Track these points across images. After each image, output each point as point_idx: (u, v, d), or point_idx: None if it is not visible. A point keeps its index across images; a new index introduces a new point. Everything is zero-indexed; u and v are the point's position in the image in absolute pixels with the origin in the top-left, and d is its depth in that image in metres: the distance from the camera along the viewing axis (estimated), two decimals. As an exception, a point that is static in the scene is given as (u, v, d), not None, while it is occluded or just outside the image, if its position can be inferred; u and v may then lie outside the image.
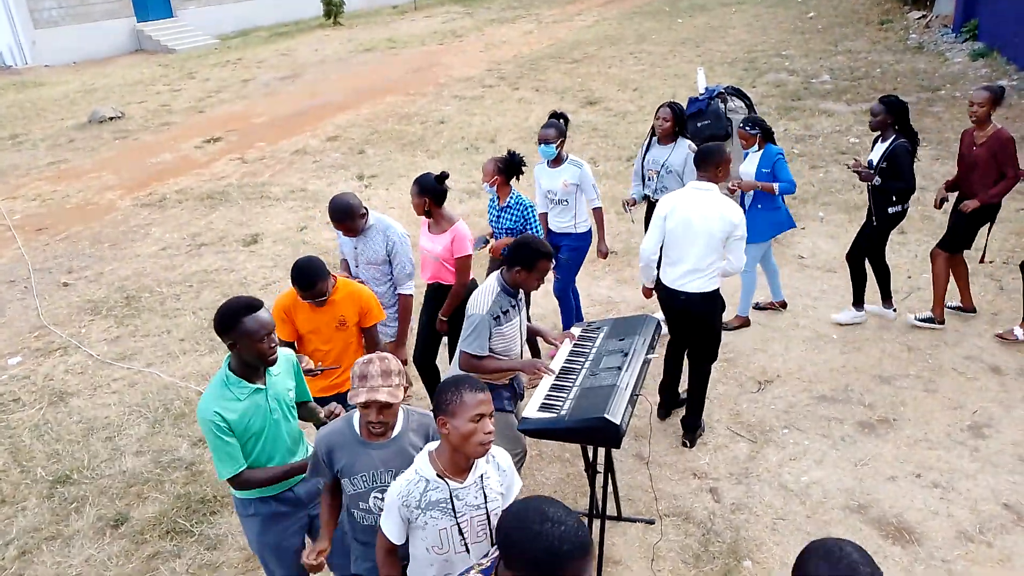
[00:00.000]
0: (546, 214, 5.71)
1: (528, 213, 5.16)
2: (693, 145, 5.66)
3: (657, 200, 5.67)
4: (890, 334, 5.84)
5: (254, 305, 2.99)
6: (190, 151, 12.04)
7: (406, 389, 2.74)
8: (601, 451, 3.91)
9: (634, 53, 16.96)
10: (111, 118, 14.12)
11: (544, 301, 6.62)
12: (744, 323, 6.08)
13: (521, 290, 3.82)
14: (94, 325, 6.89)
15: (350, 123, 12.94)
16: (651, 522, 4.24)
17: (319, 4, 24.93)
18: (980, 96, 5.35)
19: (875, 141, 5.73)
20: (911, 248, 6.98)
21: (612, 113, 12.41)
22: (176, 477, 4.88)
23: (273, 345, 3.03)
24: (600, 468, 3.93)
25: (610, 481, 3.99)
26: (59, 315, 7.09)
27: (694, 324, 4.68)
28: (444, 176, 4.68)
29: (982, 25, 14.21)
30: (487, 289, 3.76)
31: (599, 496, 3.95)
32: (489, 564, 2.07)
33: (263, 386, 3.10)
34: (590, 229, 5.69)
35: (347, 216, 4.37)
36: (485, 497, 2.55)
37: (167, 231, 8.88)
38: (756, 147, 5.82)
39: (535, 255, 3.66)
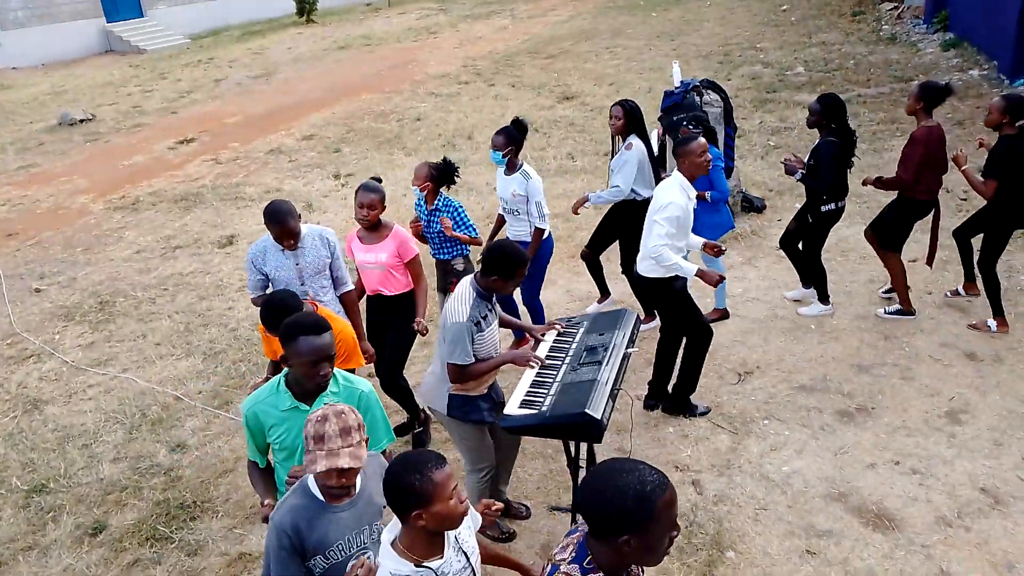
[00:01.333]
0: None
1: (458, 214, 5.05)
2: (631, 143, 5.66)
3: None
4: (867, 323, 5.89)
5: (320, 325, 2.84)
6: (163, 153, 11.90)
7: (367, 441, 2.54)
8: (583, 446, 3.90)
9: (609, 48, 16.97)
10: (81, 120, 13.94)
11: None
12: (723, 315, 6.10)
13: (494, 294, 3.78)
14: (68, 331, 6.79)
15: (325, 122, 12.85)
16: (634, 516, 4.24)
17: (291, 2, 24.73)
18: (910, 90, 5.54)
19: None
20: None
21: (589, 108, 12.41)
22: (155, 483, 4.82)
23: (323, 373, 2.85)
24: (583, 463, 3.92)
25: (593, 476, 3.98)
26: (32, 322, 6.98)
27: (644, 298, 5.00)
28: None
29: (952, 16, 14.36)
30: (462, 297, 3.68)
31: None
32: (573, 554, 2.00)
33: (306, 407, 2.94)
34: (550, 235, 5.55)
35: (291, 216, 4.08)
36: (466, 556, 2.41)
37: (141, 234, 8.77)
38: None
39: (513, 264, 3.59)
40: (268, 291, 4.29)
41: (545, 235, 5.47)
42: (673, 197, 4.50)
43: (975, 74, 11.81)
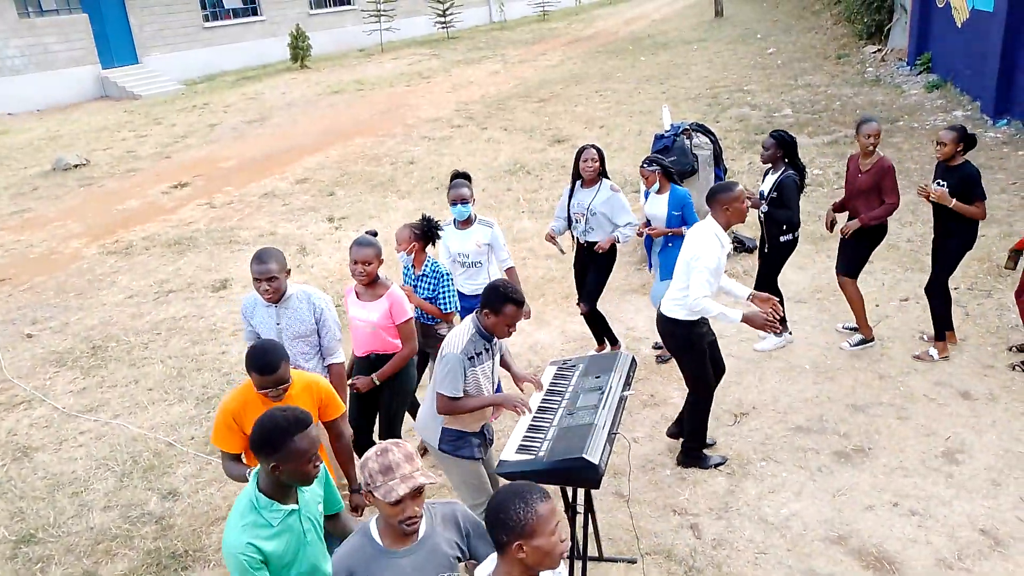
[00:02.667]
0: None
1: (444, 282, 4.84)
2: (615, 185, 5.75)
3: (588, 243, 5.85)
4: (861, 363, 5.90)
5: (304, 420, 2.63)
6: (157, 197, 11.94)
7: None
8: (581, 491, 3.87)
9: (599, 91, 17.23)
10: (76, 165, 13.98)
11: (520, 339, 6.60)
12: None
13: (496, 336, 3.78)
14: (59, 377, 6.73)
15: (319, 165, 12.95)
16: (633, 561, 4.19)
17: (285, 48, 25.07)
18: (872, 128, 5.64)
19: (765, 173, 6.03)
20: (878, 277, 7.08)
21: (580, 150, 12.53)
22: (146, 532, 4.75)
23: (317, 466, 2.67)
24: (580, 508, 3.89)
25: (590, 521, 3.95)
26: (23, 367, 6.93)
27: (665, 343, 4.87)
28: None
29: (935, 58, 14.67)
30: (462, 329, 3.74)
31: (580, 537, 3.90)
32: None
33: (296, 506, 2.74)
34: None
35: (274, 259, 3.95)
36: None
37: (134, 279, 8.75)
38: (657, 186, 5.86)
39: (503, 299, 3.60)
40: None
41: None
42: (710, 246, 4.42)
43: (959, 114, 12.02)
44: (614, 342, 6.23)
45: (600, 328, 6.19)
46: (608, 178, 5.83)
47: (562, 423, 3.72)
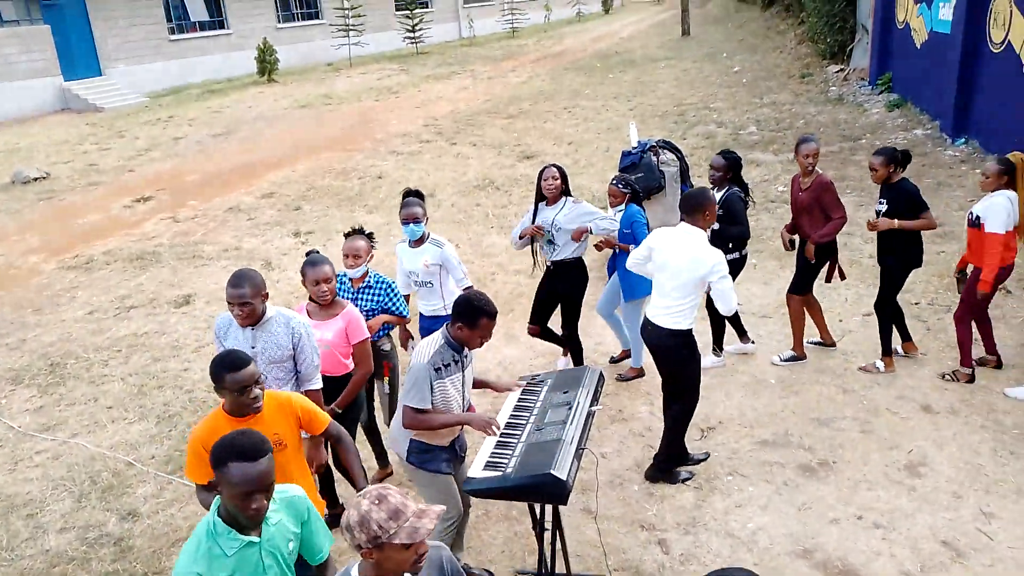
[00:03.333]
0: (408, 296, 5.45)
1: (390, 290, 4.83)
2: (576, 198, 5.78)
3: (555, 263, 5.81)
4: (825, 377, 5.96)
5: (250, 450, 2.47)
6: (119, 211, 11.75)
7: None
8: (549, 507, 3.85)
9: (568, 108, 17.35)
10: (36, 178, 13.72)
11: (489, 355, 6.58)
12: (639, 374, 6.17)
13: (466, 348, 3.77)
14: (15, 395, 6.56)
15: (286, 180, 12.84)
16: (601, 578, 4.18)
17: (252, 61, 24.91)
18: (810, 148, 5.80)
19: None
20: (841, 292, 7.18)
21: (548, 166, 12.58)
22: (104, 554, 4.62)
23: (256, 507, 2.50)
24: (548, 525, 3.87)
25: (558, 538, 3.93)
26: (-23, 385, 6.74)
27: (657, 358, 4.82)
28: None
29: (895, 78, 15.00)
30: (431, 340, 3.72)
31: (548, 554, 3.88)
32: None
33: (257, 538, 2.61)
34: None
35: (249, 282, 3.75)
36: None
37: (94, 294, 8.59)
38: (622, 206, 5.90)
39: (477, 312, 3.61)
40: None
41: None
42: (715, 251, 4.51)
43: (919, 133, 12.29)
44: (566, 347, 6.27)
45: (553, 338, 6.24)
46: (571, 195, 5.83)
47: (530, 439, 3.70)
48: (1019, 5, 9.92)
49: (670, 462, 4.91)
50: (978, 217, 5.36)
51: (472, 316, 3.61)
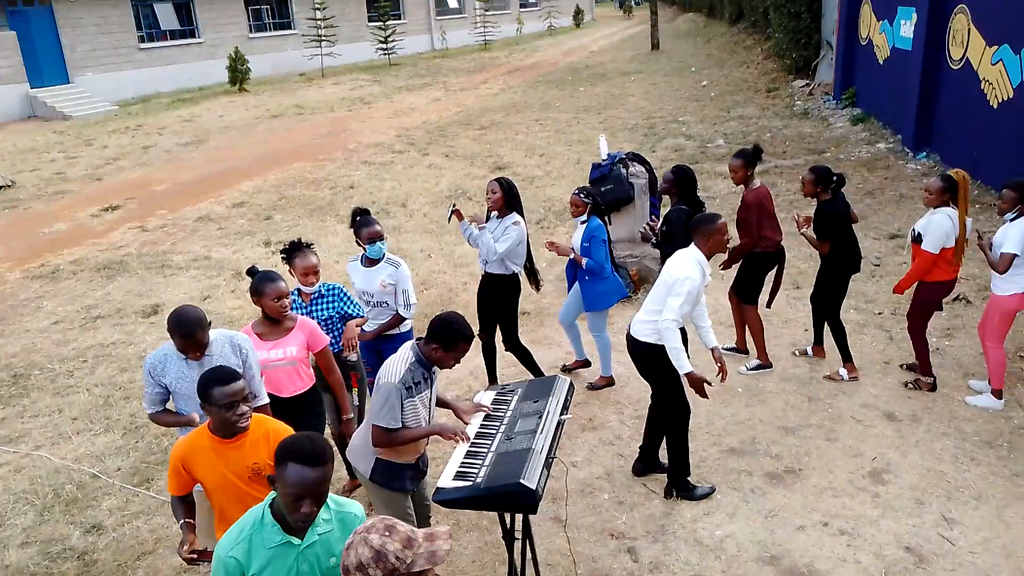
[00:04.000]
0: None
1: (343, 294, 4.71)
2: (518, 220, 5.61)
3: (487, 275, 5.74)
4: (792, 385, 6.06)
5: (313, 454, 2.43)
6: (86, 220, 11.60)
7: None
8: (519, 516, 3.87)
9: (539, 120, 17.46)
10: (1, 187, 13.49)
11: (460, 364, 6.57)
12: (608, 383, 6.22)
13: (435, 365, 3.75)
14: (-23, 407, 6.44)
15: (257, 189, 12.77)
16: (571, 586, 4.19)
17: (224, 71, 24.75)
18: (734, 162, 6.01)
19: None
20: (807, 303, 7.28)
21: (520, 178, 12.65)
22: (67, 569, 4.55)
23: (306, 512, 2.45)
24: (518, 535, 3.88)
25: (528, 547, 3.94)
26: (-63, 397, 6.61)
27: (636, 366, 4.85)
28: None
29: (859, 93, 15.31)
30: (400, 357, 3.65)
31: (518, 563, 3.89)
32: None
33: (298, 541, 2.55)
34: (409, 330, 5.24)
35: (200, 327, 3.61)
36: None
37: (60, 304, 8.46)
38: (584, 217, 5.89)
39: (456, 336, 3.56)
40: (168, 405, 3.87)
41: (407, 327, 5.19)
42: (690, 271, 4.45)
43: (882, 147, 12.55)
44: (493, 380, 6.20)
45: (492, 362, 6.15)
46: (519, 212, 5.71)
47: (500, 448, 3.71)
48: (976, 24, 10.20)
49: (682, 478, 4.86)
50: (920, 233, 5.53)
51: (450, 339, 3.57)
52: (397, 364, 3.62)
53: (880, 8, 13.95)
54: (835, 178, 5.76)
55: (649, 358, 4.70)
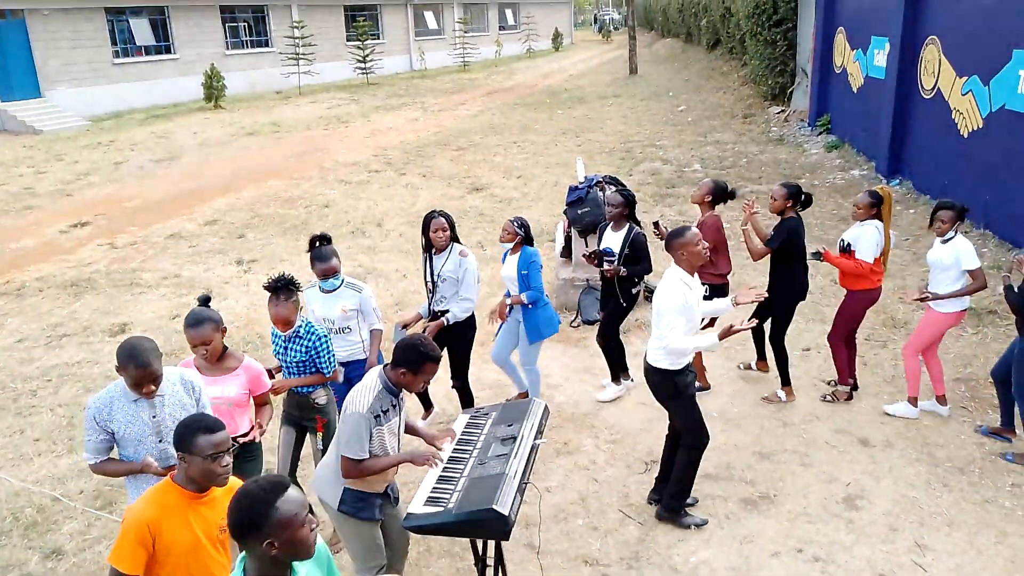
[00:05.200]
0: None
1: (322, 342, 4.47)
2: (465, 250, 5.48)
3: (439, 311, 5.52)
4: (766, 411, 6.05)
5: (281, 483, 2.32)
6: (54, 236, 11.40)
7: None
8: (491, 543, 3.79)
9: (517, 142, 17.51)
10: (-34, 201, 13.25)
11: (435, 388, 6.50)
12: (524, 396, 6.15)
13: (403, 389, 3.68)
14: (-66, 426, 6.25)
15: (230, 207, 12.64)
16: (544, 615, 4.12)
17: (199, 87, 24.60)
18: (704, 186, 6.07)
19: (601, 231, 6.26)
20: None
21: (498, 199, 12.66)
22: (23, 596, 4.39)
23: (315, 527, 2.37)
24: (491, 561, 3.81)
25: (501, 574, 3.87)
26: None
27: (653, 393, 4.78)
28: None
29: (833, 120, 15.54)
30: (368, 386, 3.56)
31: (489, 591, 3.81)
32: None
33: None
34: (380, 353, 5.13)
35: (155, 356, 3.37)
36: None
37: (25, 321, 8.27)
38: (511, 246, 5.77)
39: (422, 358, 3.51)
40: (113, 453, 3.56)
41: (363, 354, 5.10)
42: (672, 295, 4.38)
43: (856, 173, 12.72)
44: (428, 406, 6.07)
45: (466, 398, 5.92)
46: (460, 243, 5.55)
47: (473, 473, 3.65)
48: (947, 55, 10.40)
49: (678, 502, 4.80)
50: (848, 244, 5.77)
51: (418, 362, 3.51)
52: (364, 393, 3.53)
53: (854, 37, 14.19)
54: (803, 197, 5.87)
55: (666, 385, 4.63)
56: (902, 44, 11.55)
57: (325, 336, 4.50)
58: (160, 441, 3.46)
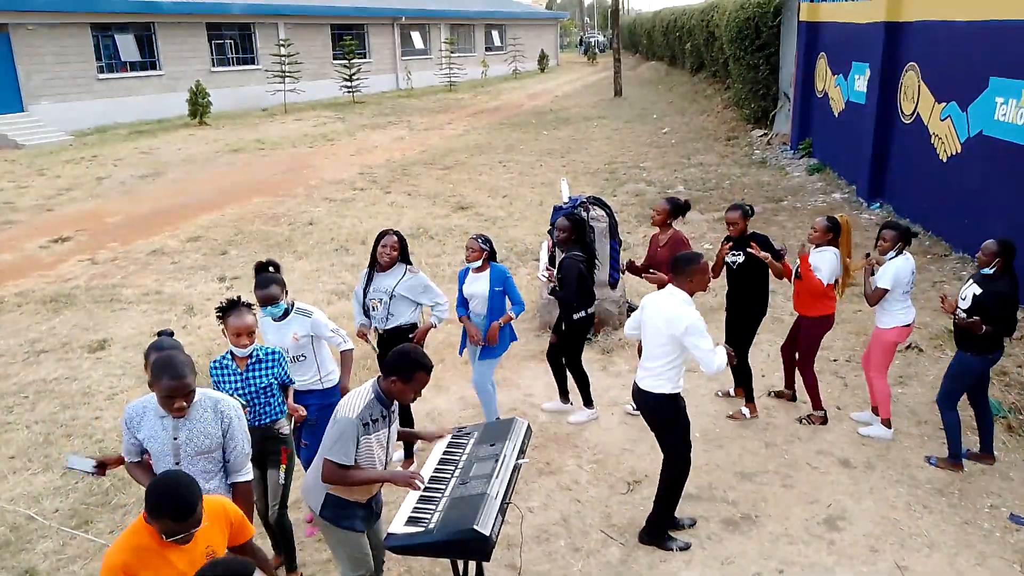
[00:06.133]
0: None
1: (282, 360, 4.36)
2: (413, 267, 5.47)
3: (388, 331, 5.45)
4: (748, 431, 6.06)
5: (244, 573, 2.32)
6: (34, 251, 11.29)
7: None
8: (472, 564, 3.77)
9: (503, 162, 17.58)
10: (-55, 215, 13.12)
11: (418, 405, 6.47)
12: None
13: (395, 401, 3.68)
14: (-94, 443, 6.14)
15: (213, 223, 12.58)
16: (525, 636, 4.08)
17: (184, 103, 24.55)
18: (660, 205, 6.21)
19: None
20: (763, 348, 7.35)
21: (483, 218, 12.68)
22: (-6, 617, 4.31)
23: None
24: (471, 582, 3.78)
25: (481, 595, 3.84)
26: None
27: (646, 419, 4.75)
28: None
29: (815, 144, 15.73)
30: (360, 393, 3.59)
31: (470, 612, 3.78)
32: None
33: None
34: (338, 382, 4.98)
35: (191, 370, 3.29)
36: None
37: (2, 337, 8.17)
38: (478, 264, 5.67)
39: (414, 366, 3.52)
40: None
41: (330, 383, 4.94)
42: (689, 312, 4.35)
43: (837, 196, 12.86)
44: (409, 455, 5.84)
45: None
46: (409, 263, 5.50)
47: (454, 493, 3.63)
48: (926, 81, 10.57)
49: (662, 526, 4.78)
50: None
51: (409, 370, 3.52)
52: (355, 400, 3.56)
53: (835, 63, 14.40)
54: (751, 209, 6.11)
55: (658, 410, 4.61)
56: (882, 70, 11.73)
57: (279, 351, 4.37)
58: (177, 463, 3.38)
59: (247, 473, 3.60)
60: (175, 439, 3.37)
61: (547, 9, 70.69)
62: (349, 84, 30.45)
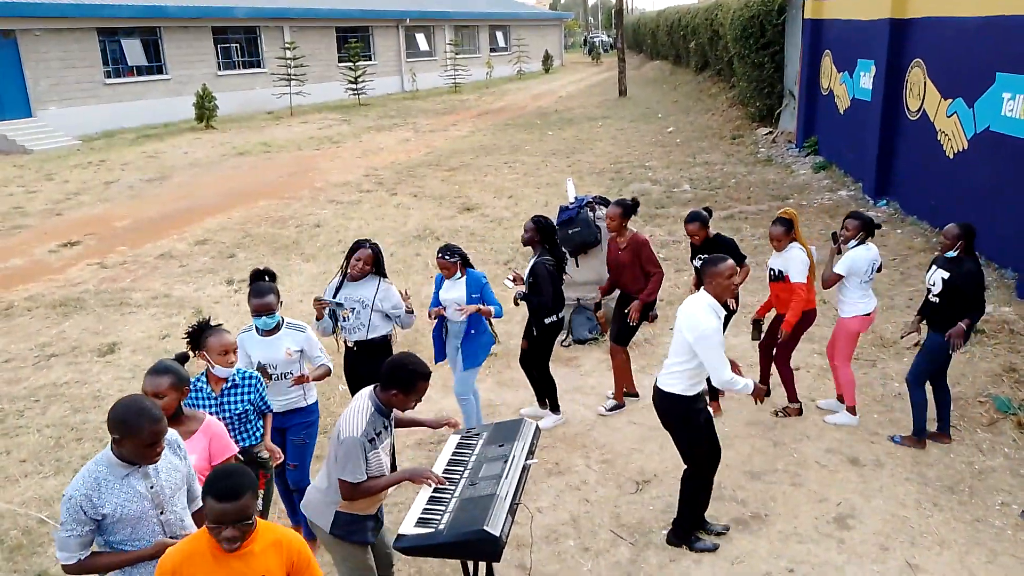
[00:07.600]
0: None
1: (260, 384, 4.24)
2: (388, 280, 5.31)
3: (357, 343, 5.29)
4: (756, 430, 6.06)
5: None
6: (43, 256, 11.35)
7: None
8: (482, 564, 3.78)
9: (508, 163, 17.59)
10: (-45, 221, 13.20)
11: (424, 407, 6.48)
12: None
13: (394, 409, 3.68)
14: (-81, 448, 6.18)
15: (221, 227, 12.63)
16: (535, 637, 4.09)
17: (191, 107, 24.64)
18: (612, 211, 6.17)
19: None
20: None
21: (489, 219, 12.70)
22: (7, 620, 4.34)
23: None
24: (481, 582, 3.79)
25: (491, 596, 3.85)
26: None
27: (659, 416, 4.72)
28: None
29: (821, 141, 15.69)
30: (360, 408, 3.54)
31: (480, 613, 3.79)
32: None
33: None
34: (315, 400, 4.88)
35: (158, 408, 2.99)
36: None
37: (12, 341, 8.22)
38: (459, 274, 5.63)
39: (413, 376, 3.52)
40: (94, 547, 3.04)
41: (312, 399, 4.83)
42: (710, 321, 4.31)
43: (843, 194, 12.83)
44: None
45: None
46: (384, 275, 5.33)
47: (464, 494, 3.64)
48: (931, 78, 10.54)
49: (688, 527, 4.76)
50: (780, 272, 5.89)
51: (409, 381, 3.52)
52: (357, 417, 3.52)
53: (840, 60, 14.37)
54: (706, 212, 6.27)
55: (668, 409, 4.58)
56: (888, 67, 11.70)
57: (256, 376, 4.26)
58: (162, 513, 3.05)
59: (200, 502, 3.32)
60: (152, 488, 3.02)
61: (551, 9, 70.70)
62: (354, 86, 30.51)
